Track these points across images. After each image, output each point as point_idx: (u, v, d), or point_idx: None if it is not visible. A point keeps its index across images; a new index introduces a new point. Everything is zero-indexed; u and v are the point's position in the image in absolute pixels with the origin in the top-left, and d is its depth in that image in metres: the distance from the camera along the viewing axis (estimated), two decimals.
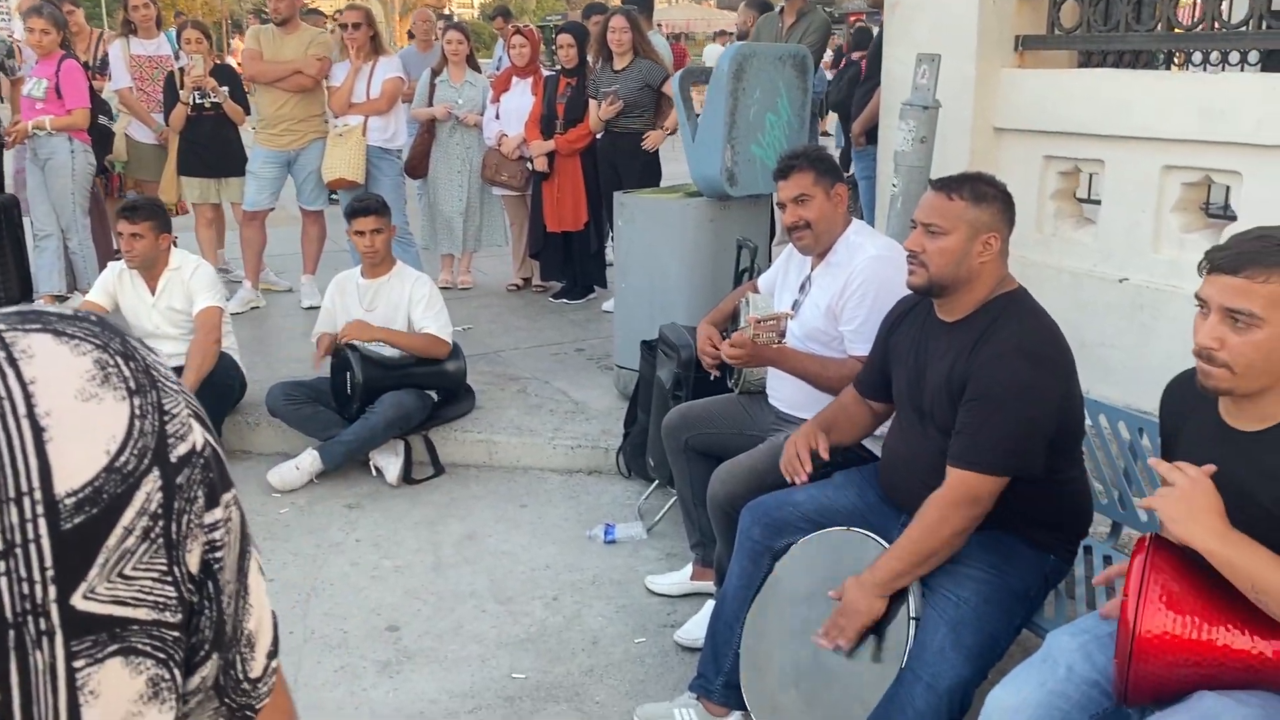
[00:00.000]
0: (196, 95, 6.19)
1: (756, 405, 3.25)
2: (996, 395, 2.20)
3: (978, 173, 2.43)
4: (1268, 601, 1.69)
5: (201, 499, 0.61)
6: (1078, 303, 3.85)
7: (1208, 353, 1.77)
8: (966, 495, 2.21)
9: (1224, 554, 1.71)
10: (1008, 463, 2.20)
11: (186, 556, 0.61)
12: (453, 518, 4.02)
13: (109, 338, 0.58)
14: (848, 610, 2.26)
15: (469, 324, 6.18)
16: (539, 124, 6.47)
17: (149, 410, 0.58)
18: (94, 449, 0.54)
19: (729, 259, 4.30)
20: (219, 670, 0.67)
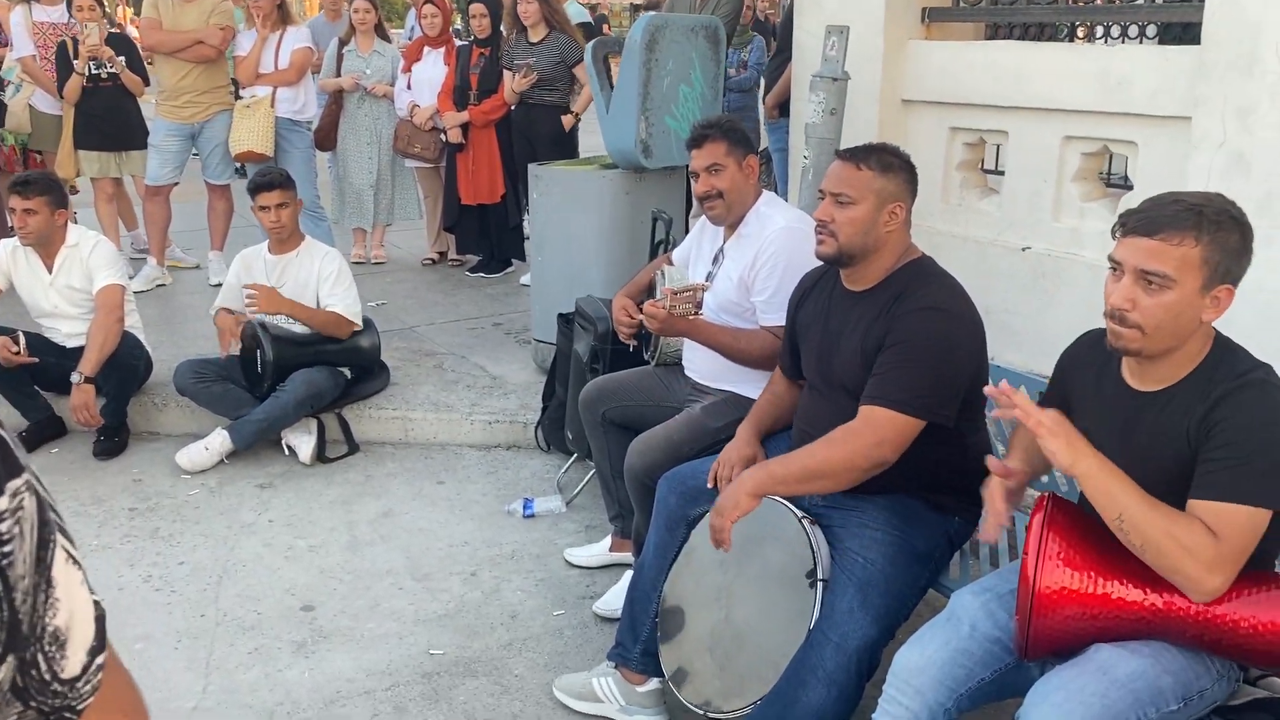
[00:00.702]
0: (92, 65, 5.95)
1: (673, 377, 3.27)
2: (915, 344, 2.23)
3: (882, 143, 2.46)
4: (1128, 530, 1.75)
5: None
6: (983, 271, 3.94)
7: (1120, 314, 1.81)
8: (873, 429, 2.22)
9: (1102, 476, 1.78)
10: (919, 404, 2.22)
11: None
12: (368, 496, 3.98)
13: None
14: (719, 507, 2.27)
15: (383, 299, 6.09)
16: (452, 95, 6.38)
17: None
18: None
19: (645, 231, 4.31)
20: (16, 671, 0.63)
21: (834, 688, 2.17)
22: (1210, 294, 1.78)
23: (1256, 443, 1.74)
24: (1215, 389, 1.80)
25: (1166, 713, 1.80)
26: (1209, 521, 1.73)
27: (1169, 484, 1.83)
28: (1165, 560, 1.74)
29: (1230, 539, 1.72)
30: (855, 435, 2.24)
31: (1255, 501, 1.72)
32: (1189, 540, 1.72)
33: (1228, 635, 1.79)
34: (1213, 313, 1.80)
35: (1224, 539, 1.72)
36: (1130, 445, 1.89)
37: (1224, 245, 1.77)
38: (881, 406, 2.23)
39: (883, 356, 2.28)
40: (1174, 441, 1.84)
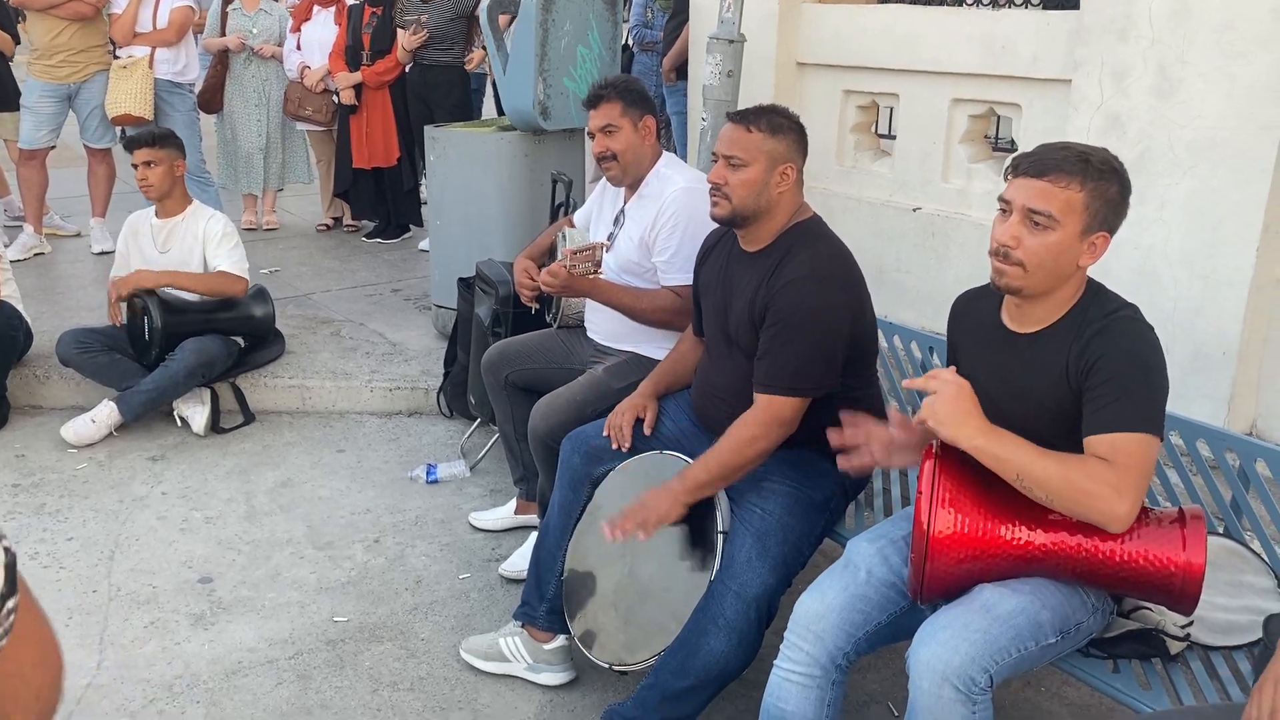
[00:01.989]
0: None
1: (575, 338, 3.28)
2: (792, 321, 2.29)
3: (772, 105, 2.49)
4: (1030, 487, 1.83)
5: None
6: (877, 231, 4.03)
7: (1005, 250, 1.89)
8: (772, 417, 2.31)
9: (989, 448, 1.85)
10: (806, 384, 2.30)
11: None
12: (266, 466, 3.90)
13: None
14: (644, 507, 2.31)
15: (276, 267, 5.95)
16: (344, 55, 6.22)
17: None
18: None
19: (545, 193, 4.29)
20: None
21: (734, 635, 2.22)
22: (1089, 240, 1.87)
23: (1133, 375, 1.84)
24: (1087, 328, 1.90)
25: (1045, 645, 1.90)
26: (1104, 454, 1.81)
27: (1050, 421, 1.92)
28: (1073, 503, 1.81)
29: (1128, 466, 1.79)
30: (759, 426, 2.32)
31: (1142, 428, 1.81)
32: (1089, 478, 1.79)
33: (1103, 569, 1.89)
34: (1089, 258, 1.89)
35: (1122, 467, 1.79)
36: (1011, 386, 1.98)
37: (1105, 194, 1.86)
38: (774, 394, 2.31)
39: (766, 333, 2.34)
40: (1051, 380, 1.92)
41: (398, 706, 2.58)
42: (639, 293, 2.98)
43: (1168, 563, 1.87)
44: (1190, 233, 3.00)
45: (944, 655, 1.81)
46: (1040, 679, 2.71)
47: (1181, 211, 3.01)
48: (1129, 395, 1.83)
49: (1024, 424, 1.92)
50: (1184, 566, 1.87)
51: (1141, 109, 3.06)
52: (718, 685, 2.28)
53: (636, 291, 2.99)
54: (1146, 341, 1.87)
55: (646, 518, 2.30)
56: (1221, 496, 2.33)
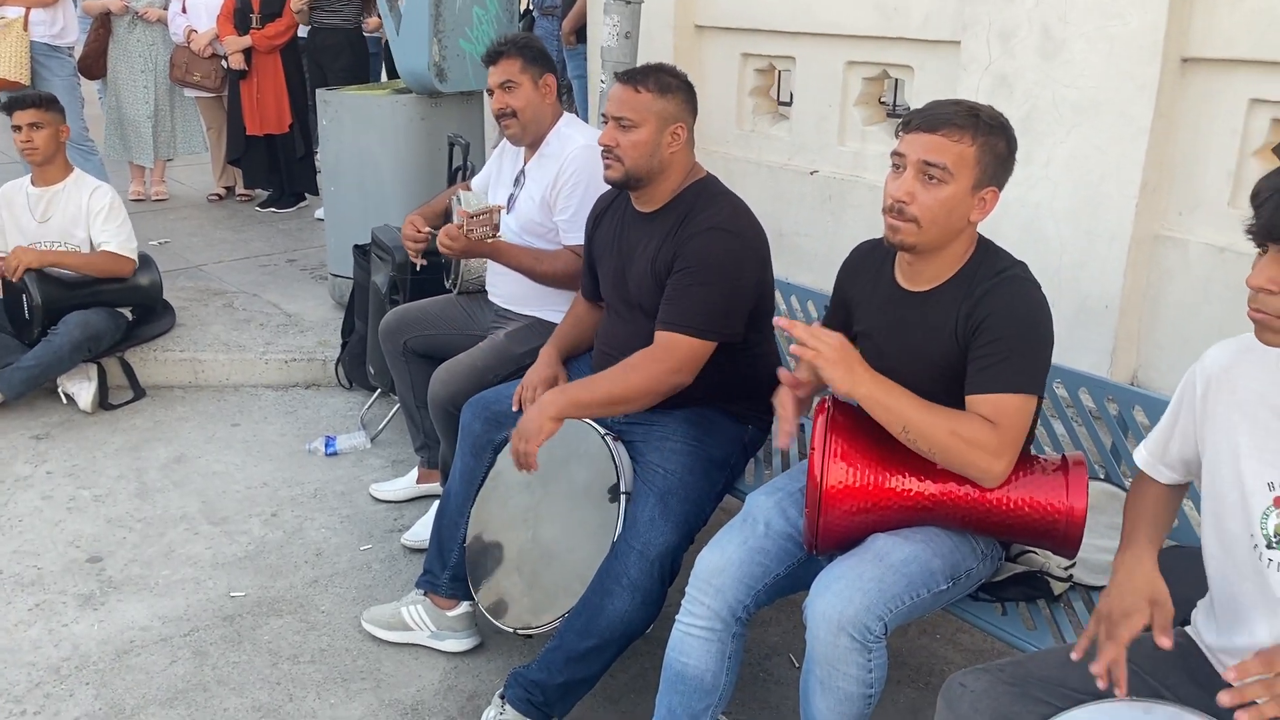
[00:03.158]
0: None
1: (476, 304, 3.24)
2: (703, 266, 2.29)
3: (660, 64, 2.47)
4: (915, 439, 1.87)
5: None
6: (776, 195, 4.06)
7: (899, 205, 1.91)
8: (670, 354, 2.29)
9: (880, 398, 1.88)
10: (711, 326, 2.29)
11: None
12: (158, 442, 3.78)
13: None
14: (522, 431, 2.25)
15: (166, 238, 5.75)
16: (232, 18, 6.01)
17: None
18: None
19: (442, 157, 4.21)
20: None
21: (638, 594, 2.23)
22: (979, 194, 1.91)
23: (1018, 337, 1.89)
24: (977, 287, 1.94)
25: (937, 592, 1.95)
26: (986, 413, 1.87)
27: (940, 378, 1.97)
28: (954, 457, 1.87)
29: (1007, 426, 1.86)
30: (653, 361, 2.29)
31: (1023, 389, 1.87)
32: (971, 434, 1.85)
33: (991, 516, 1.95)
34: (979, 213, 1.93)
35: (1002, 427, 1.85)
36: (904, 343, 2.02)
37: (994, 149, 1.90)
38: (676, 332, 2.29)
39: (673, 279, 2.33)
40: (942, 338, 1.96)
41: (298, 679, 2.54)
42: (540, 254, 2.95)
43: (1052, 509, 1.94)
44: (1074, 190, 3.09)
45: (839, 605, 1.85)
46: (935, 626, 2.79)
47: (1065, 170, 3.10)
48: (1013, 356, 1.88)
49: (913, 380, 1.96)
50: (1067, 511, 1.93)
51: (1027, 69, 3.13)
52: (622, 644, 2.29)
53: (537, 253, 2.96)
54: (1033, 301, 1.92)
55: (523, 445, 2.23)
56: (1103, 443, 2.41)
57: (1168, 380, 3.05)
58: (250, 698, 2.47)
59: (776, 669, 2.63)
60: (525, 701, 2.29)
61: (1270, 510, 1.50)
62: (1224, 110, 2.87)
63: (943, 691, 1.69)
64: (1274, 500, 1.50)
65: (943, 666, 2.63)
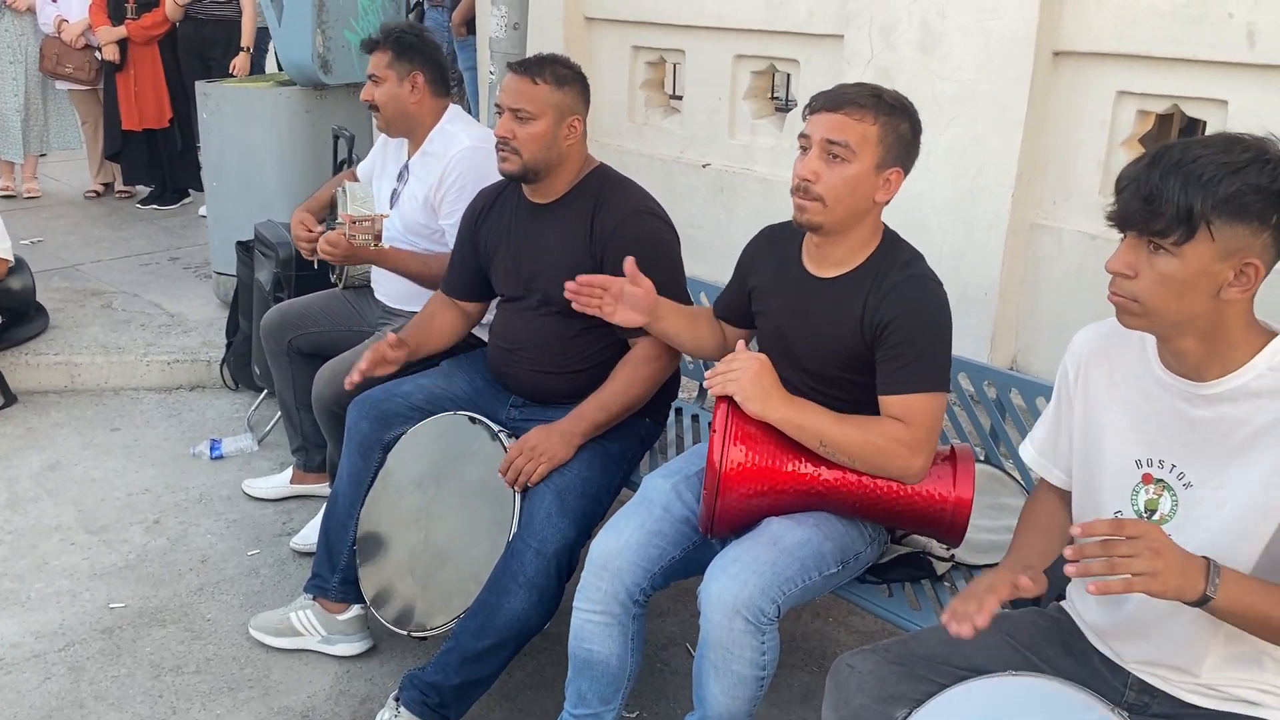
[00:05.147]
0: None
1: (362, 299, 3.17)
2: (643, 256, 2.25)
3: (554, 55, 2.45)
4: (833, 451, 1.92)
5: None
6: (669, 188, 4.08)
7: (805, 184, 1.94)
8: (652, 352, 2.36)
9: (794, 419, 1.93)
10: None
11: None
12: (30, 449, 3.61)
13: None
14: (537, 453, 2.27)
15: (39, 237, 5.49)
16: (105, 8, 5.76)
17: None
18: None
19: (327, 151, 4.11)
20: None
21: (535, 591, 2.21)
22: (883, 175, 1.95)
23: (926, 338, 1.94)
24: (884, 280, 1.97)
25: (828, 575, 1.98)
26: (899, 414, 1.92)
27: (840, 363, 2.01)
28: (874, 461, 1.93)
29: (921, 424, 1.92)
30: (645, 363, 2.36)
31: (933, 388, 1.93)
32: (886, 439, 1.91)
33: (881, 503, 1.99)
34: (884, 194, 1.97)
35: (915, 425, 1.91)
36: (809, 327, 2.04)
37: (897, 129, 1.94)
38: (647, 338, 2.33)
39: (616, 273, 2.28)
40: (847, 326, 2.00)
41: (182, 690, 2.45)
42: (426, 258, 2.90)
43: (939, 498, 1.99)
44: (953, 181, 3.18)
45: (734, 588, 1.86)
46: (828, 609, 2.84)
47: (945, 161, 3.18)
48: (921, 357, 1.93)
49: (814, 365, 1.99)
50: (954, 501, 1.99)
51: (908, 62, 3.21)
52: (519, 643, 2.27)
53: (424, 258, 2.90)
54: (937, 301, 1.97)
55: (537, 467, 2.26)
56: (982, 426, 2.49)
57: (1046, 364, 3.16)
58: (130, 712, 2.38)
59: (674, 659, 2.64)
60: (421, 704, 2.25)
61: (1140, 487, 1.56)
62: (1093, 102, 2.98)
63: (831, 673, 1.71)
64: (1143, 477, 1.56)
65: (835, 650, 2.68)
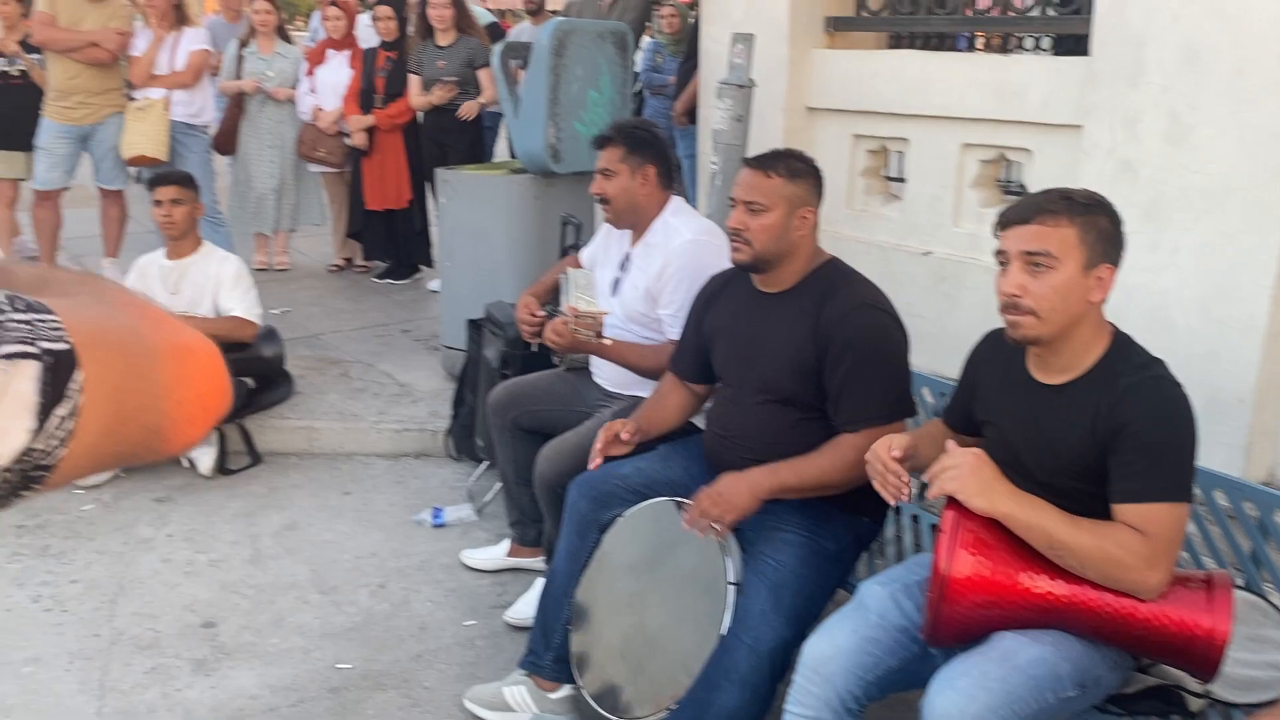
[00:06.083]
0: (2, 62, 5.71)
1: (582, 381, 3.26)
2: (868, 350, 2.29)
3: (788, 149, 2.50)
4: (1062, 554, 1.82)
5: None
6: (887, 275, 4.01)
7: (1013, 301, 1.88)
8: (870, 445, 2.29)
9: (1020, 515, 1.84)
10: (901, 409, 2.34)
11: None
12: (272, 508, 3.88)
13: None
14: (724, 500, 2.27)
15: (287, 307, 5.96)
16: (358, 98, 6.27)
17: None
18: None
19: (554, 236, 4.28)
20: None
21: (747, 689, 2.18)
22: (1093, 273, 1.87)
23: (1162, 441, 1.82)
24: (1117, 383, 1.87)
25: (1064, 698, 1.86)
26: (1136, 523, 1.80)
27: (1073, 474, 1.90)
28: (1106, 572, 1.81)
29: (1159, 535, 1.79)
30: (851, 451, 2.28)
31: (1172, 497, 1.81)
32: (1121, 548, 1.79)
33: (1124, 627, 1.85)
34: (1098, 293, 1.88)
35: (1153, 536, 1.79)
36: (1038, 437, 1.96)
37: (1096, 226, 1.86)
38: (874, 426, 2.28)
39: (839, 370, 2.30)
40: (1079, 434, 1.90)
41: None
42: (644, 350, 2.97)
43: (1191, 626, 1.84)
44: (1204, 278, 2.98)
45: (960, 703, 1.78)
46: None
47: (1194, 257, 2.99)
48: (1160, 464, 1.82)
49: (1045, 475, 1.90)
50: (1208, 632, 1.83)
51: (1153, 155, 3.06)
52: None
53: (641, 349, 2.97)
54: (1177, 405, 1.86)
55: (722, 514, 2.26)
56: (1240, 548, 2.28)
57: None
58: None
59: None
60: None
61: None
62: None
63: None
64: None
65: None
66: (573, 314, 2.84)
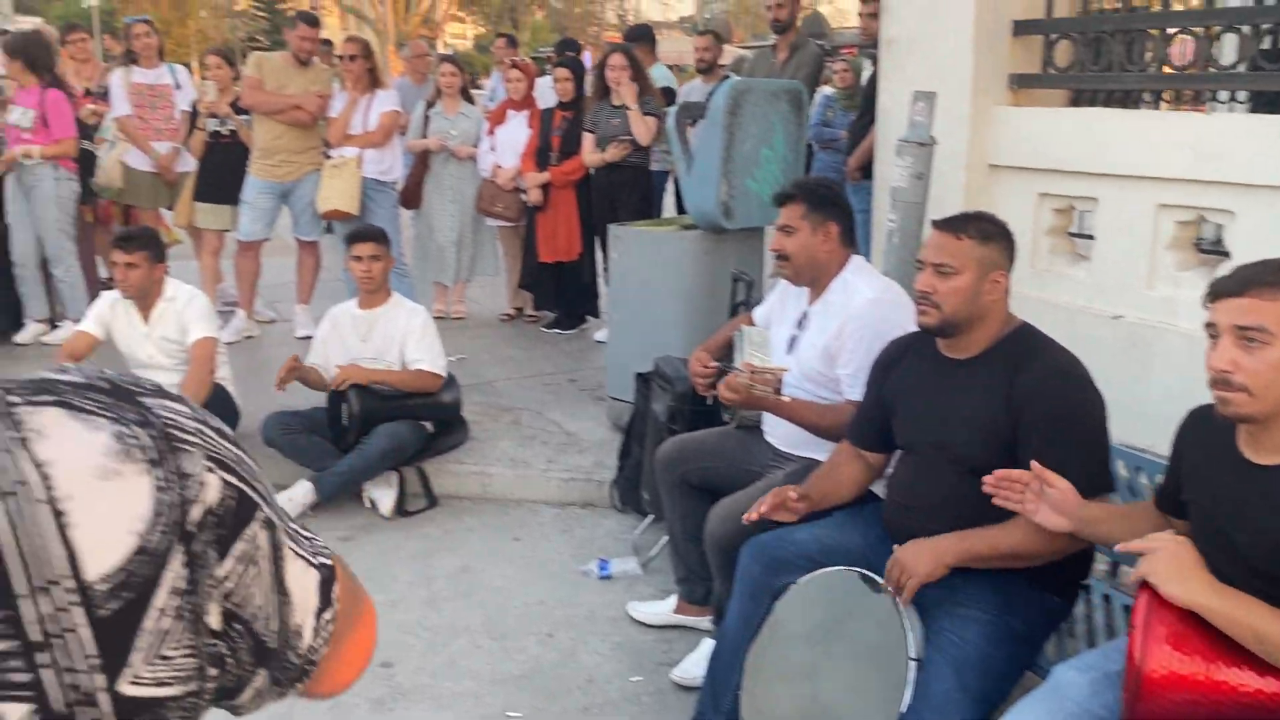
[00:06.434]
0: (214, 122, 6.22)
1: (753, 440, 3.24)
2: (1067, 421, 2.23)
3: (979, 211, 2.45)
4: (1271, 651, 1.69)
5: (214, 555, 0.59)
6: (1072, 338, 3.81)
7: (1224, 377, 1.79)
8: None
9: (1221, 608, 1.73)
10: (1102, 482, 2.26)
11: (207, 619, 0.59)
12: (446, 551, 4.00)
13: (123, 406, 0.56)
14: (907, 568, 2.22)
15: (462, 354, 6.17)
16: (534, 156, 6.50)
17: (171, 481, 0.55)
18: (119, 530, 0.53)
19: (724, 292, 4.31)
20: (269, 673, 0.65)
21: None
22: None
23: None
24: None
25: None
26: None
27: None
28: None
29: None
30: None
31: None
32: None
33: None
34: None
35: None
36: (1248, 520, 1.84)
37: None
38: None
39: (1035, 441, 2.23)
40: None
41: None
42: (821, 409, 2.93)
43: None
44: None
45: None
46: None
47: None
48: None
49: (1262, 561, 1.78)
50: None
51: None
52: None
53: (819, 409, 2.94)
54: None
55: (905, 578, 2.21)
56: None
57: None
58: None
59: None
60: None
61: None
62: None
63: None
64: None
65: None
66: (749, 370, 2.83)
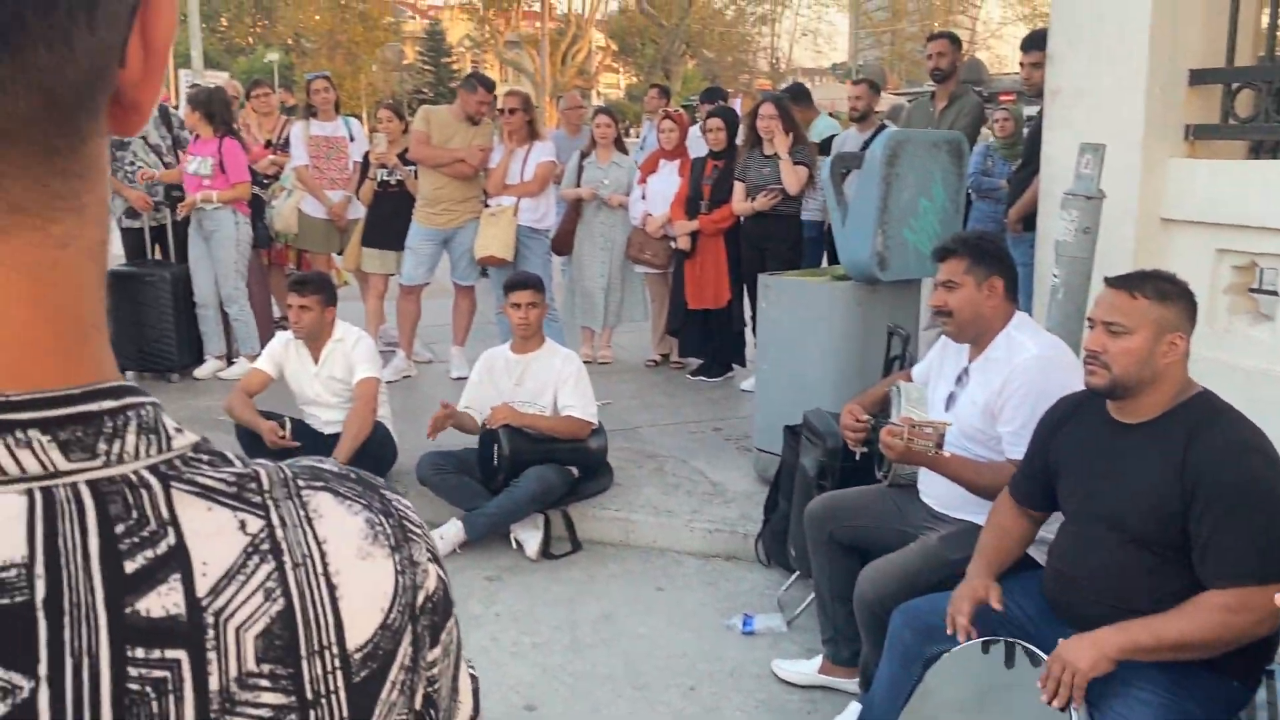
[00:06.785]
0: (383, 172, 6.55)
1: (907, 499, 3.16)
2: (1246, 497, 2.10)
3: (1157, 270, 2.34)
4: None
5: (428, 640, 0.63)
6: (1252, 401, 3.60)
7: None
8: (1244, 606, 2.09)
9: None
10: (1277, 567, 2.10)
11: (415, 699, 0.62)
12: (590, 596, 4.02)
13: (371, 496, 0.61)
14: (1069, 664, 2.10)
15: (608, 399, 6.24)
16: (684, 204, 6.56)
17: (406, 566, 0.60)
18: (372, 606, 0.57)
19: (876, 346, 4.23)
20: None
21: None
22: None
23: None
24: None
25: None
26: None
27: None
28: None
29: None
30: (1231, 613, 2.09)
31: None
32: None
33: None
34: None
35: None
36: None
37: None
38: (1248, 585, 2.08)
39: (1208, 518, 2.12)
40: None
41: None
42: (980, 467, 2.84)
43: None
44: None
45: None
46: None
47: None
48: None
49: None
50: None
51: None
52: None
53: (978, 466, 2.84)
54: None
55: (1068, 680, 2.09)
56: None
57: None
58: None
59: None
60: None
61: None
62: None
63: None
64: None
65: None
66: (908, 424, 2.77)
